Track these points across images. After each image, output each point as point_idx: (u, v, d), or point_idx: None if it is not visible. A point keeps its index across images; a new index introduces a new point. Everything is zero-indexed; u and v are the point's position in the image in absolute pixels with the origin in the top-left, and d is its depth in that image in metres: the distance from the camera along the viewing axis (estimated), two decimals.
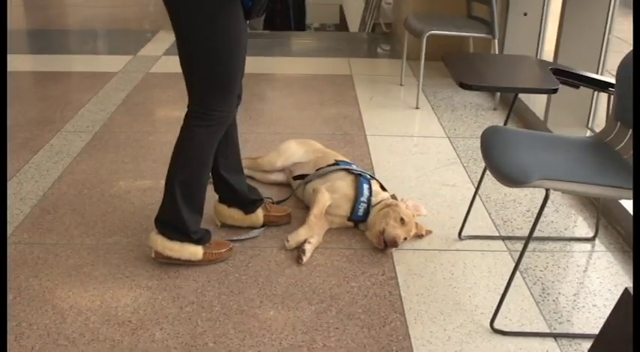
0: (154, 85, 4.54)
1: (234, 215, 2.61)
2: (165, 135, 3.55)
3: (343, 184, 2.70)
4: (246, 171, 3.04)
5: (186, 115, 2.23)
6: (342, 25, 10.64)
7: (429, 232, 2.66)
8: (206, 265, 2.39)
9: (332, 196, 2.64)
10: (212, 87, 2.15)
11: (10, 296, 2.21)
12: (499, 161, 2.05)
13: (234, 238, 2.56)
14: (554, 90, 2.16)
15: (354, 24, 8.98)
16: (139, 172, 3.16)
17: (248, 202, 2.60)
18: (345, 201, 2.65)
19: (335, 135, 3.68)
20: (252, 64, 5.11)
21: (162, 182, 2.30)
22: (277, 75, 4.88)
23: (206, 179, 2.29)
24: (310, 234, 2.52)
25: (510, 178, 1.96)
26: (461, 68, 2.23)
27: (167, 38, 5.81)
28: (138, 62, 5.11)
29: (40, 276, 2.33)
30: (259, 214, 2.62)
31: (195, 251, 2.34)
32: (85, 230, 2.64)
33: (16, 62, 5.09)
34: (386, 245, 2.49)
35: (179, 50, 2.16)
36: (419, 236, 2.63)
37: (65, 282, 2.30)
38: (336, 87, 4.57)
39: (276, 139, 3.49)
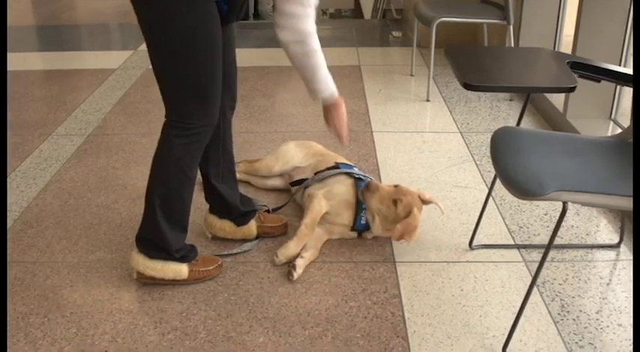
0: (153, 81, 4.31)
1: (226, 227, 2.41)
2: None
3: (342, 189, 2.49)
4: (242, 176, 2.87)
5: (165, 124, 2.03)
6: (358, 11, 10.37)
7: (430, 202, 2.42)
8: (193, 284, 2.20)
9: (330, 203, 2.44)
10: (188, 97, 1.95)
11: None
12: (510, 169, 1.82)
13: (225, 253, 2.37)
14: (572, 89, 1.92)
15: (368, 10, 8.70)
16: (130, 179, 2.97)
17: (240, 214, 2.40)
18: (345, 207, 2.44)
19: None
20: (255, 57, 4.95)
21: None
22: (282, 67, 4.65)
23: (189, 193, 2.08)
24: (302, 247, 2.31)
25: (522, 190, 1.74)
26: (465, 65, 1.99)
27: None
28: (138, 57, 4.92)
29: (14, 300, 2.16)
30: (252, 226, 2.43)
31: (180, 269, 2.16)
32: (68, 245, 2.47)
33: (15, 61, 4.93)
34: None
35: (149, 56, 1.96)
36: (423, 201, 2.40)
37: (41, 307, 2.13)
38: (343, 79, 4.34)
39: (278, 139, 3.30)
